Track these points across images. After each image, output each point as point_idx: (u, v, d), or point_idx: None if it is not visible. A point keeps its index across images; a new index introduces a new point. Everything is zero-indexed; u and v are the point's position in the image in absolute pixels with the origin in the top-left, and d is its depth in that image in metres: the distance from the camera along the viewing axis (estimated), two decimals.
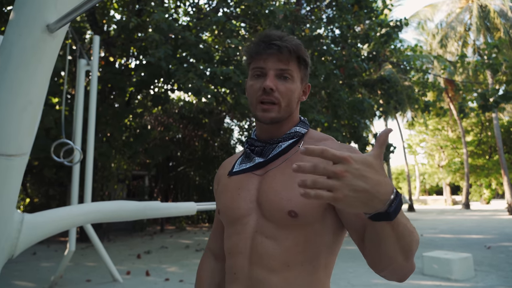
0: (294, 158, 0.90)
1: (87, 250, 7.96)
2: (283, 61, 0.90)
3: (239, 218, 0.91)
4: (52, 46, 1.71)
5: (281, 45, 0.89)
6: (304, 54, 0.93)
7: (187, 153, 14.82)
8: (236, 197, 0.93)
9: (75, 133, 5.04)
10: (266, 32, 0.94)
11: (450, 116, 23.52)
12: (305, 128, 0.97)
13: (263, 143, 0.95)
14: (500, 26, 18.30)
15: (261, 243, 0.85)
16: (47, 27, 1.63)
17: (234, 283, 0.88)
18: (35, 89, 1.72)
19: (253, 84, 0.92)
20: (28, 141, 1.82)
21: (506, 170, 18.65)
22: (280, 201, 0.84)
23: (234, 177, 0.97)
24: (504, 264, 6.10)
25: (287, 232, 0.84)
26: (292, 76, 0.91)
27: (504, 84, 9.47)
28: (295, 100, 0.94)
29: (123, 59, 10.44)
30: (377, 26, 8.52)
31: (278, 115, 0.91)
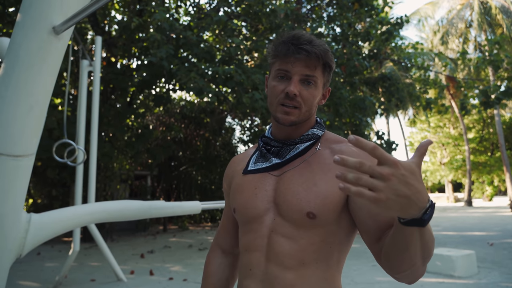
0: (312, 159, 0.92)
1: (91, 250, 8.00)
2: (309, 67, 0.89)
3: (255, 217, 0.92)
4: (58, 48, 1.73)
5: (311, 51, 0.88)
6: (331, 60, 0.93)
7: (189, 153, 14.85)
8: (253, 197, 0.94)
9: (78, 134, 5.07)
10: (296, 33, 0.92)
11: (451, 113, 23.48)
12: (321, 130, 0.98)
13: (279, 143, 0.96)
14: (502, 22, 18.24)
15: (277, 242, 0.87)
16: (53, 29, 1.65)
17: (250, 278, 0.90)
18: (41, 90, 1.73)
19: (276, 86, 0.92)
20: (35, 141, 1.84)
21: (508, 167, 18.62)
22: (299, 202, 0.86)
23: (250, 176, 0.98)
24: (507, 260, 6.11)
25: (303, 232, 0.86)
26: (316, 82, 0.91)
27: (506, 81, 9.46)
28: (316, 105, 0.95)
29: (125, 60, 10.46)
30: (377, 24, 8.52)
31: (298, 119, 0.92)
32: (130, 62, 10.70)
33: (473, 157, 24.24)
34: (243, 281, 0.94)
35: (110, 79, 9.13)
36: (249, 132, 13.69)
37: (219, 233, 1.15)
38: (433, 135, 28.63)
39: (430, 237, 0.70)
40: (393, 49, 9.67)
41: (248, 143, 12.16)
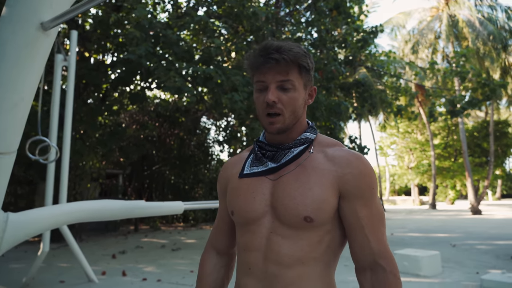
0: (306, 163, 0.95)
1: (59, 251, 7.74)
2: (282, 73, 0.92)
3: (254, 220, 0.96)
4: (45, 44, 1.70)
5: (279, 58, 0.90)
6: (304, 61, 0.94)
7: (162, 152, 14.63)
8: (251, 200, 0.96)
9: (51, 130, 4.91)
10: (265, 45, 0.95)
11: (419, 120, 24.44)
12: (314, 134, 1.01)
13: (274, 147, 0.99)
14: (467, 36, 19.22)
15: (276, 242, 0.91)
16: (41, 25, 1.62)
17: (249, 277, 0.94)
18: (26, 86, 1.70)
19: (258, 97, 0.96)
20: (17, 139, 1.80)
21: (470, 172, 19.63)
22: (296, 207, 0.90)
23: (246, 179, 1.00)
24: (468, 261, 6.46)
25: (301, 233, 0.91)
26: (294, 85, 0.94)
27: (470, 91, 9.99)
28: (300, 106, 0.97)
29: (99, 55, 10.20)
30: (353, 31, 8.77)
31: (284, 125, 0.94)
32: (105, 58, 10.44)
33: (438, 162, 25.32)
34: (241, 280, 0.97)
35: (83, 75, 8.86)
36: (224, 133, 13.67)
37: (213, 234, 1.16)
38: (401, 140, 29.68)
39: None
40: (367, 56, 9.97)
41: (223, 143, 12.15)
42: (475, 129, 26.07)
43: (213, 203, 2.70)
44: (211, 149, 16.13)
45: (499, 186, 36.98)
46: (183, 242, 9.16)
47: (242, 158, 1.09)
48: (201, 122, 15.34)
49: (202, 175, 15.43)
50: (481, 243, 8.54)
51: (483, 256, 6.94)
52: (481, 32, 18.88)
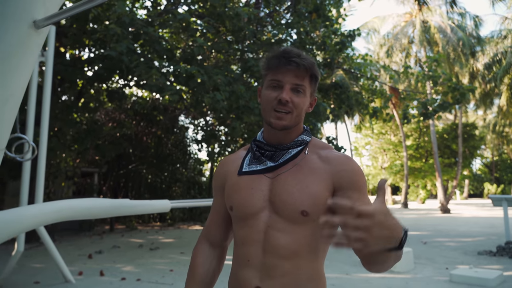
0: (302, 163, 1.03)
1: (31, 251, 7.52)
2: (299, 77, 1.01)
3: (252, 214, 1.02)
4: (37, 42, 1.70)
5: (300, 63, 1.00)
6: (317, 73, 1.05)
7: (139, 151, 14.41)
8: (250, 197, 1.03)
9: (27, 128, 4.79)
10: (287, 49, 1.04)
11: (393, 122, 25.18)
12: (309, 137, 1.10)
13: (273, 147, 1.06)
14: (439, 41, 19.98)
15: (273, 235, 0.99)
16: (33, 23, 1.62)
17: (248, 268, 1.01)
18: (17, 83, 1.70)
19: (270, 94, 1.03)
20: (6, 135, 1.78)
21: (440, 173, 20.41)
22: (294, 202, 0.98)
23: (245, 177, 1.07)
24: (438, 257, 6.77)
25: (297, 227, 0.98)
26: (304, 91, 1.03)
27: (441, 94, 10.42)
28: (304, 111, 1.07)
29: (75, 51, 9.95)
30: (331, 34, 8.96)
31: (289, 124, 1.03)
32: (81, 54, 10.19)
33: (410, 163, 26.17)
34: (239, 272, 1.03)
35: (58, 71, 8.63)
36: (202, 132, 13.62)
37: (208, 226, 1.21)
38: (375, 141, 30.46)
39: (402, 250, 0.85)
40: (345, 59, 10.20)
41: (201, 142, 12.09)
42: (445, 131, 27.13)
43: (199, 201, 2.74)
44: (189, 148, 16.03)
45: (466, 186, 38.62)
46: (161, 242, 9.09)
47: (239, 157, 1.15)
48: (179, 120, 15.21)
49: (179, 174, 15.32)
50: (450, 240, 8.94)
51: (452, 252, 7.29)
52: (451, 38, 19.68)
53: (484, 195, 38.37)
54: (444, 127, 28.24)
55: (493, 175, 39.66)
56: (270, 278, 0.97)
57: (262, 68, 1.10)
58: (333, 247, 0.69)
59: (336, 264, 6.14)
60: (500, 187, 36.08)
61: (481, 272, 4.92)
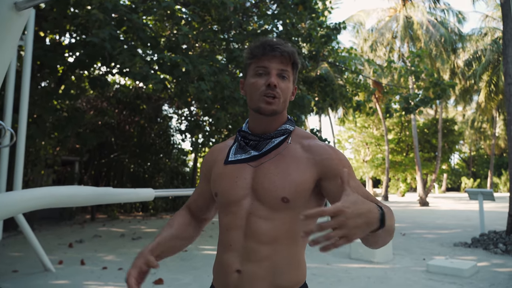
0: (285, 152, 1.07)
1: (9, 240, 7.37)
2: (283, 63, 1.05)
3: (235, 201, 1.06)
4: (18, 25, 1.65)
5: (284, 50, 1.04)
6: (298, 61, 1.09)
7: (122, 140, 14.21)
8: (234, 184, 1.07)
9: (5, 114, 4.65)
10: (268, 38, 1.09)
11: (375, 116, 25.56)
12: (292, 126, 1.12)
13: (257, 137, 1.09)
14: (421, 37, 20.29)
15: (255, 222, 1.02)
16: (14, 5, 1.57)
17: (230, 252, 1.04)
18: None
19: (257, 81, 1.05)
20: None
21: (420, 167, 20.89)
22: (275, 189, 1.01)
23: (230, 165, 1.11)
24: (415, 248, 6.97)
25: (277, 214, 1.02)
26: (289, 76, 1.07)
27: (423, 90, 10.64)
28: (289, 98, 1.09)
29: (56, 36, 9.66)
30: (317, 27, 8.98)
31: (277, 108, 1.05)
32: (62, 39, 9.90)
33: (391, 156, 26.67)
34: (223, 255, 1.07)
35: (38, 56, 8.37)
36: (186, 122, 13.51)
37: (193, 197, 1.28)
38: (358, 135, 30.88)
39: (392, 222, 0.90)
40: (330, 52, 10.27)
41: (185, 132, 12.01)
42: (426, 126, 27.72)
43: (183, 191, 2.74)
44: (173, 138, 15.90)
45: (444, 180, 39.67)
46: (143, 231, 9.04)
47: (227, 146, 1.19)
48: (163, 110, 15.03)
49: (162, 164, 15.19)
50: (428, 232, 9.22)
51: (429, 244, 7.52)
52: (433, 34, 20.00)
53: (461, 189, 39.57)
54: (425, 122, 28.84)
55: (470, 169, 40.93)
56: (249, 262, 1.01)
57: (245, 58, 1.12)
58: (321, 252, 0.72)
59: (316, 254, 6.25)
60: (476, 181, 37.30)
61: (456, 262, 5.11)
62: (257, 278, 0.99)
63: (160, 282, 4.43)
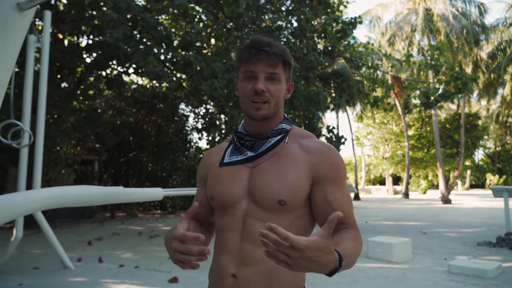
0: (282, 152, 1.03)
1: (31, 237, 7.57)
2: (271, 65, 1.01)
3: (232, 204, 1.03)
4: (21, 25, 1.65)
5: (270, 51, 0.99)
6: (289, 58, 1.04)
7: (140, 139, 14.41)
8: (230, 186, 1.04)
9: (24, 114, 4.76)
10: (255, 38, 1.04)
11: (395, 111, 25.04)
12: (289, 125, 1.09)
13: (252, 137, 1.06)
14: (441, 30, 19.69)
15: (251, 224, 0.99)
16: (17, 5, 1.57)
17: (225, 255, 1.01)
18: (2, 68, 1.65)
19: (245, 86, 1.03)
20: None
21: (441, 163, 20.36)
22: (272, 191, 0.98)
23: (226, 167, 1.07)
24: (437, 247, 6.77)
25: (274, 216, 0.98)
26: (279, 78, 1.02)
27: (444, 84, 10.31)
28: (282, 99, 1.06)
29: (74, 37, 9.85)
30: (333, 22, 8.83)
31: (268, 113, 1.02)
32: (79, 40, 10.09)
33: (411, 153, 26.11)
34: (218, 259, 1.04)
35: (56, 58, 8.56)
36: (203, 120, 13.56)
37: None
38: (377, 131, 30.36)
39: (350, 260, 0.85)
40: (346, 47, 10.08)
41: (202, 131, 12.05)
42: (447, 121, 26.97)
43: (192, 190, 2.72)
44: (189, 137, 16.00)
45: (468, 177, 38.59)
46: (160, 229, 9.13)
47: (222, 148, 1.16)
48: (179, 109, 15.14)
49: (180, 163, 15.32)
50: (450, 231, 8.94)
51: (451, 243, 7.28)
52: (455, 26, 19.38)
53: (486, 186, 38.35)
54: (446, 117, 28.06)
55: (495, 165, 39.55)
56: (245, 266, 0.97)
57: (235, 61, 1.10)
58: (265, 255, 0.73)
59: None
60: (502, 177, 36.03)
61: (479, 263, 4.91)
62: (252, 282, 0.96)
63: (175, 280, 4.45)
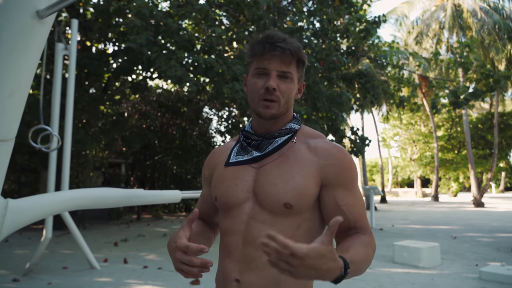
0: (289, 153, 0.99)
1: (62, 238, 7.85)
2: (285, 63, 0.96)
3: (235, 205, 0.99)
4: (41, 32, 1.70)
5: (285, 48, 0.95)
6: (303, 57, 1.00)
7: (165, 142, 14.69)
8: (234, 187, 1.00)
9: (52, 119, 4.94)
10: (270, 33, 0.99)
11: (423, 111, 24.29)
12: (298, 125, 1.05)
13: (259, 137, 1.02)
14: (472, 26, 18.95)
15: (255, 227, 0.95)
16: (36, 13, 1.62)
17: (229, 259, 0.97)
18: (23, 74, 1.71)
19: (256, 82, 0.98)
20: (15, 126, 1.81)
21: (473, 165, 19.55)
22: (277, 193, 0.93)
23: (231, 167, 1.04)
24: (468, 253, 6.48)
25: (280, 219, 0.94)
26: (292, 77, 0.98)
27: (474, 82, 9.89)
28: (292, 98, 1.02)
29: (101, 44, 10.17)
30: (356, 21, 8.67)
31: (278, 112, 0.98)
32: (106, 47, 10.41)
33: (441, 154, 25.22)
34: (222, 262, 1.01)
35: (85, 64, 8.87)
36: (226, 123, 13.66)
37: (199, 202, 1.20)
38: (404, 132, 29.56)
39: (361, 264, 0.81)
40: (370, 47, 9.88)
41: (225, 134, 12.14)
42: (479, 121, 25.85)
43: None
44: (213, 139, 16.15)
45: (502, 179, 36.85)
46: None
47: (228, 148, 1.12)
48: (203, 112, 15.32)
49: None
50: (482, 236, 8.56)
51: (483, 248, 6.96)
52: (486, 22, 18.60)
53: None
54: (478, 117, 26.90)
55: None
56: (249, 271, 0.93)
57: (246, 55, 1.04)
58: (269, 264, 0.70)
59: None
60: None
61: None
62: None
63: (197, 282, 4.48)
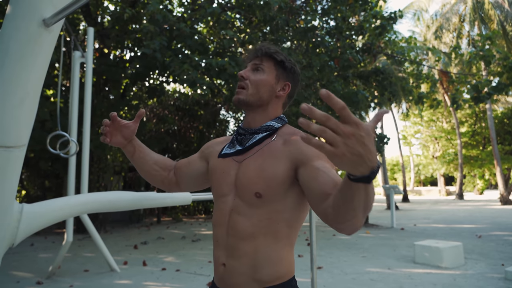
0: (266, 148, 1.07)
1: (84, 241, 8.03)
2: (257, 58, 1.13)
3: (221, 196, 1.11)
4: (48, 40, 1.74)
5: (259, 49, 1.13)
6: (278, 56, 1.12)
7: (183, 145, 14.85)
8: (221, 180, 1.11)
9: (70, 125, 5.07)
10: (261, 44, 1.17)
11: (444, 107, 23.65)
12: (279, 123, 1.12)
13: (245, 131, 1.12)
14: (494, 18, 18.33)
15: (235, 219, 1.05)
16: (43, 22, 1.66)
17: (218, 247, 1.09)
18: (31, 82, 1.75)
19: None
20: (26, 132, 1.86)
21: (499, 161, 18.87)
22: (250, 185, 1.03)
23: (221, 159, 1.15)
24: (493, 252, 6.25)
25: (254, 210, 1.03)
26: (263, 69, 1.11)
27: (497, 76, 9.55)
28: (266, 91, 1.11)
29: (118, 51, 10.39)
30: (371, 18, 8.53)
31: (245, 98, 1.09)
32: (123, 53, 10.62)
33: (465, 151, 24.50)
34: (214, 249, 1.12)
35: (103, 71, 9.08)
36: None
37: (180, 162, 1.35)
38: (426, 129, 28.85)
39: (372, 192, 0.74)
40: (386, 43, 9.70)
41: None
42: (505, 115, 24.96)
43: None
44: None
45: None
46: (203, 234, 9.31)
47: (227, 140, 1.24)
48: (220, 114, 15.41)
49: None
50: (509, 234, 8.25)
51: (510, 247, 6.71)
52: (510, 13, 17.96)
53: None
54: (503, 111, 25.98)
55: None
56: (232, 258, 1.05)
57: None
58: (302, 139, 0.60)
59: (378, 258, 5.90)
60: None
61: None
62: (238, 272, 1.03)
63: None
